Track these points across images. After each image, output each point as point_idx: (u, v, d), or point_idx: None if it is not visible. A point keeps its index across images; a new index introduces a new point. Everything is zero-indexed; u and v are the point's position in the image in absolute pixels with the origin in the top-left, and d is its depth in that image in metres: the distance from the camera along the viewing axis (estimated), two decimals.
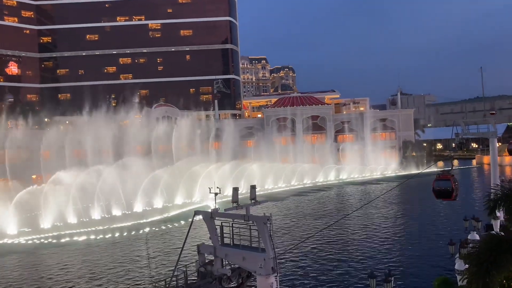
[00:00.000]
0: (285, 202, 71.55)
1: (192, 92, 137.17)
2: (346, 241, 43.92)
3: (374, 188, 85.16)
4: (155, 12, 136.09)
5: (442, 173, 25.89)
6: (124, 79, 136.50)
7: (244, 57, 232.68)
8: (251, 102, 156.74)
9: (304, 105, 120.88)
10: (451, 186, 24.81)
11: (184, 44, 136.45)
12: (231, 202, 21.34)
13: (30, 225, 55.94)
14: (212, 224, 21.66)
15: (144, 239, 48.13)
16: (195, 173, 76.86)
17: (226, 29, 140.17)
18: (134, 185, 68.80)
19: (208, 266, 22.08)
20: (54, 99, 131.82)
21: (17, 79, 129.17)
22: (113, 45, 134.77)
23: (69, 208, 60.51)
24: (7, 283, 35.35)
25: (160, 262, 39.21)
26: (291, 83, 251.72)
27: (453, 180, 25.09)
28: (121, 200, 66.75)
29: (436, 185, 25.41)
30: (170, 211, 64.72)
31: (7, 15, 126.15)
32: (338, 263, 36.67)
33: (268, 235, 18.89)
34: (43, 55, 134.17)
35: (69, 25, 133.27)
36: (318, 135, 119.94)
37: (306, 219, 56.71)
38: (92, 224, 56.39)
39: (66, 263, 40.54)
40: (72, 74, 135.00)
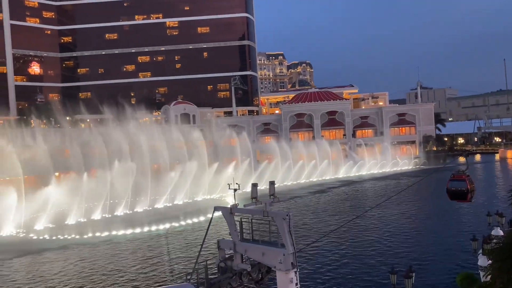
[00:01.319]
0: (304, 198, 71.44)
1: (210, 89, 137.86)
2: (366, 237, 43.64)
3: (394, 183, 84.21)
4: (172, 10, 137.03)
5: (457, 172, 24.61)
6: (143, 77, 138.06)
7: (261, 53, 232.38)
8: (269, 98, 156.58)
9: (322, 101, 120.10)
10: (466, 187, 23.49)
11: (201, 41, 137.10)
12: (250, 198, 21.50)
13: (55, 222, 57.32)
14: (232, 220, 21.86)
15: (165, 235, 48.80)
16: (217, 170, 77.48)
17: (243, 25, 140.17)
18: (159, 182, 69.96)
19: (228, 261, 22.30)
20: (75, 98, 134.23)
21: (39, 79, 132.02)
22: (131, 43, 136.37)
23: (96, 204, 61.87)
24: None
25: (181, 257, 39.70)
26: (308, 79, 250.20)
27: (469, 181, 23.73)
28: (147, 196, 67.99)
29: (451, 185, 24.10)
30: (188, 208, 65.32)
31: (29, 16, 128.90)
32: (358, 259, 36.49)
33: (287, 230, 18.95)
34: (63, 54, 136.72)
35: (89, 25, 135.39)
36: (337, 130, 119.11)
37: (326, 214, 56.54)
38: (116, 220, 57.44)
39: (88, 259, 41.43)
40: (92, 73, 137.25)
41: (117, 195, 65.25)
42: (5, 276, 37.00)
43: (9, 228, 54.23)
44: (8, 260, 41.68)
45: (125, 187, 65.74)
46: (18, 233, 53.62)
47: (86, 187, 62.45)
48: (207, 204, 63.76)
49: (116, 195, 65.22)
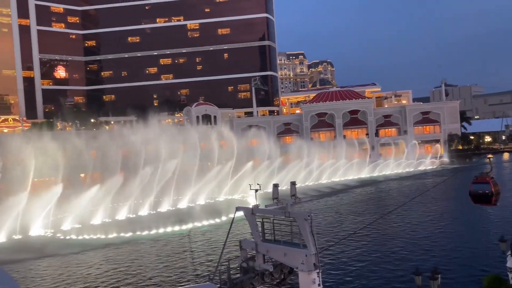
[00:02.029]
0: (326, 198, 70.90)
1: (231, 90, 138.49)
2: (390, 238, 43.00)
3: (418, 183, 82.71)
4: (193, 12, 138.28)
5: (480, 174, 23.53)
6: (165, 79, 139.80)
7: (282, 53, 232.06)
8: (289, 98, 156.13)
9: (343, 100, 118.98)
10: (490, 190, 22.50)
11: (222, 42, 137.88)
12: (271, 198, 21.53)
13: (81, 222, 58.65)
14: (253, 220, 21.95)
15: (187, 235, 49.25)
16: (240, 170, 77.76)
17: (263, 26, 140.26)
18: (183, 183, 70.80)
19: (251, 262, 22.40)
20: (99, 100, 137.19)
21: (65, 82, 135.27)
22: (153, 46, 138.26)
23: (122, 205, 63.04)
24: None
25: (203, 257, 39.99)
26: (329, 78, 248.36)
27: (493, 183, 22.80)
28: (170, 196, 68.85)
29: (474, 188, 23.05)
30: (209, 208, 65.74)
31: (54, 22, 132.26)
32: (382, 260, 36.00)
33: (309, 231, 18.91)
34: (88, 58, 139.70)
35: (112, 29, 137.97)
36: (359, 129, 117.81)
37: (348, 215, 55.98)
38: (140, 220, 58.33)
39: (113, 259, 42.20)
40: (115, 76, 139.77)
41: (143, 196, 66.30)
42: (35, 276, 38.06)
43: (38, 228, 55.77)
44: (35, 260, 42.86)
45: (151, 187, 66.82)
46: (46, 233, 55.06)
47: (113, 188, 63.69)
48: (229, 204, 64.08)
49: (143, 196, 66.28)
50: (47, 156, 67.05)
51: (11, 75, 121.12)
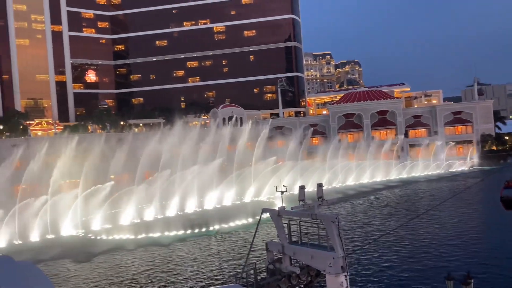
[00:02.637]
0: (354, 200, 69.87)
1: (257, 92, 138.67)
2: (420, 241, 41.90)
3: (450, 185, 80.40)
4: (219, 15, 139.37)
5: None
6: (192, 82, 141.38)
7: (308, 54, 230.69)
8: (316, 99, 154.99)
9: (371, 100, 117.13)
10: None
11: (248, 44, 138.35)
12: (298, 200, 21.29)
13: (112, 222, 59.94)
14: (280, 222, 21.74)
15: (214, 236, 49.50)
16: (266, 173, 77.72)
17: (289, 27, 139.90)
18: (208, 184, 71.37)
19: (277, 263, 22.21)
20: (128, 103, 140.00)
21: (95, 86, 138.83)
22: (181, 49, 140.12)
23: (148, 206, 64.08)
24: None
25: (230, 258, 40.06)
26: (357, 78, 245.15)
27: None
28: (195, 198, 69.45)
29: (505, 193, 22.08)
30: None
31: (85, 27, 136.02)
32: (412, 264, 35.10)
33: (336, 233, 18.56)
34: (117, 62, 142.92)
35: (140, 33, 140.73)
36: (388, 130, 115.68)
37: (377, 217, 54.94)
38: (166, 222, 59.08)
39: (141, 259, 42.82)
40: (143, 79, 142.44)
41: (170, 197, 67.19)
42: (67, 275, 39.06)
43: (69, 228, 57.30)
44: (67, 259, 44.00)
45: (177, 189, 67.63)
46: (78, 233, 56.50)
47: (141, 190, 64.87)
48: (255, 206, 64.06)
49: (170, 197, 67.17)
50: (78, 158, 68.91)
51: (44, 80, 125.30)
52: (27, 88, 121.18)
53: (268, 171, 77.65)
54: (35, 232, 55.08)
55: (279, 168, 79.98)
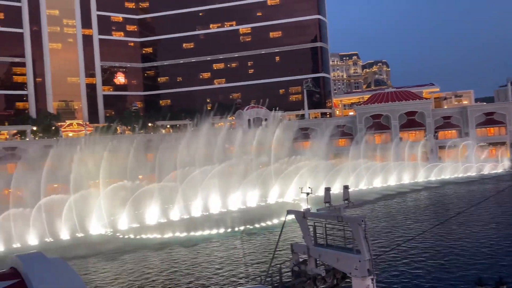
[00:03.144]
0: (381, 203, 68.71)
1: (282, 93, 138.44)
2: (449, 245, 40.80)
3: (481, 188, 77.98)
4: (245, 16, 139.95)
5: None
6: (218, 84, 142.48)
7: (334, 54, 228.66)
8: (342, 99, 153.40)
9: (400, 101, 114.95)
10: None
11: (273, 45, 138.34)
12: (323, 202, 21.10)
13: (138, 221, 61.05)
14: (305, 224, 21.60)
15: (239, 237, 49.66)
16: (289, 173, 77.51)
17: (315, 27, 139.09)
18: (230, 184, 71.71)
19: (302, 266, 22.07)
20: (155, 105, 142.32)
21: (124, 88, 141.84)
22: (207, 51, 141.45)
23: (173, 205, 65.00)
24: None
25: (255, 259, 40.10)
26: (385, 78, 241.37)
27: None
28: (218, 198, 69.88)
29: None
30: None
31: (114, 31, 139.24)
32: (441, 268, 34.21)
33: (363, 236, 18.31)
34: (145, 65, 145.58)
35: (167, 36, 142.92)
36: (416, 131, 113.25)
37: (405, 220, 53.85)
38: (191, 222, 59.71)
39: (168, 259, 43.39)
40: (171, 81, 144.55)
41: (195, 197, 67.89)
42: (96, 272, 40.00)
43: (98, 227, 58.68)
44: (95, 257, 45.07)
45: (202, 189, 68.28)
46: (106, 232, 57.78)
47: (166, 190, 65.84)
48: (280, 207, 63.92)
49: (195, 197, 67.88)
50: (109, 159, 70.56)
51: (75, 82, 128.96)
52: (59, 91, 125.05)
53: (292, 172, 77.35)
54: (65, 231, 56.67)
55: (305, 170, 79.53)
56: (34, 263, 11.66)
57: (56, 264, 11.97)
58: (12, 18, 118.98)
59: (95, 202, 60.44)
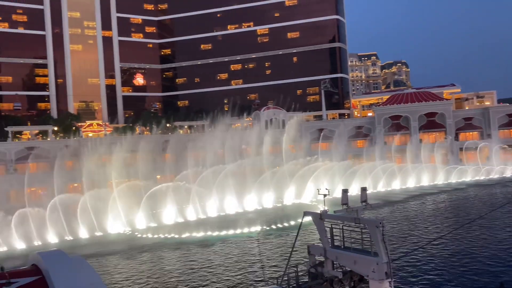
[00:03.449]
0: (399, 205, 67.77)
1: (300, 94, 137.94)
2: (470, 249, 39.95)
3: (504, 191, 76.18)
4: (263, 17, 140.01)
5: None
6: (235, 85, 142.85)
7: (353, 54, 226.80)
8: (361, 100, 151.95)
9: (419, 101, 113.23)
10: None
11: (291, 46, 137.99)
12: (341, 204, 20.95)
13: (157, 221, 61.68)
14: (322, 226, 21.46)
15: (255, 237, 49.65)
16: (305, 174, 77.17)
17: (333, 28, 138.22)
18: (245, 185, 71.77)
19: (319, 267, 21.93)
20: (173, 105, 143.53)
21: (143, 89, 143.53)
22: (224, 52, 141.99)
23: (189, 205, 65.42)
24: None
25: (271, 260, 40.02)
26: (404, 79, 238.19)
27: None
28: (233, 199, 70.05)
29: None
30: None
31: (133, 32, 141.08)
32: (461, 273, 33.53)
33: (381, 238, 18.11)
34: (164, 66, 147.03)
35: (186, 37, 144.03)
36: (436, 133, 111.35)
37: (424, 223, 52.97)
38: (208, 222, 59.98)
39: (184, 258, 43.66)
40: (189, 82, 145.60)
41: (212, 197, 68.19)
42: (114, 270, 40.54)
43: (117, 226, 59.49)
44: (113, 256, 45.68)
45: (219, 189, 68.57)
46: (124, 231, 58.52)
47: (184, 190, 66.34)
48: (296, 208, 63.68)
49: (212, 197, 68.18)
50: (128, 159, 71.50)
51: (95, 83, 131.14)
52: (79, 91, 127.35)
53: (309, 173, 76.99)
54: (84, 230, 57.64)
55: (323, 171, 79.10)
56: (55, 260, 11.91)
57: (76, 261, 12.21)
58: (35, 21, 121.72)
59: (113, 202, 61.28)
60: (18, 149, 75.16)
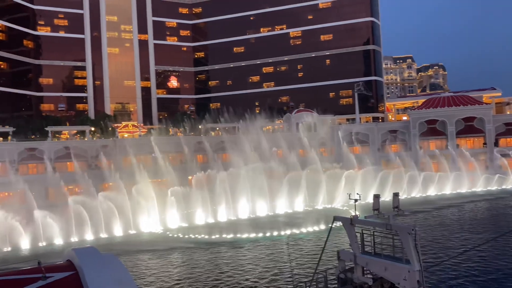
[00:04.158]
0: (435, 212, 65.80)
1: (332, 96, 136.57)
2: (508, 260, 38.25)
3: None
4: (296, 20, 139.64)
5: None
6: (267, 87, 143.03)
7: (388, 57, 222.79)
8: (395, 104, 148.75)
9: (457, 106, 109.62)
10: None
11: (324, 48, 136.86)
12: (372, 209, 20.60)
13: (188, 221, 62.55)
14: (352, 231, 21.16)
15: (285, 241, 49.45)
16: (336, 178, 76.29)
17: (367, 30, 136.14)
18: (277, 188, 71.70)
19: (348, 273, 21.63)
20: (206, 108, 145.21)
21: (177, 92, 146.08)
22: (257, 55, 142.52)
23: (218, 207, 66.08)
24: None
25: (300, 264, 39.73)
26: (441, 82, 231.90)
27: None
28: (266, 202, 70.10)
29: None
30: None
31: (168, 36, 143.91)
32: (499, 284, 32.16)
33: (413, 246, 17.69)
34: (197, 69, 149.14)
35: (219, 40, 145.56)
36: (475, 138, 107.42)
37: (460, 232, 51.19)
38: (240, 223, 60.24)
39: (213, 260, 43.98)
40: (221, 85, 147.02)
41: (241, 200, 68.47)
42: (145, 269, 41.37)
43: (150, 225, 60.70)
44: (145, 254, 46.60)
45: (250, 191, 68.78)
46: (157, 230, 59.66)
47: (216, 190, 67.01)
48: (327, 213, 62.99)
49: (241, 200, 68.46)
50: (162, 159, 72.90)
51: (131, 85, 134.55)
52: (115, 93, 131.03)
53: (342, 178, 76.02)
54: (119, 228, 59.16)
55: (355, 176, 77.95)
56: (88, 257, 12.33)
57: (108, 259, 12.60)
58: (75, 25, 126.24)
59: (149, 201, 62.59)
60: (57, 148, 78.06)
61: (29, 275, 11.38)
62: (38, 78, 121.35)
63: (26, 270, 12.03)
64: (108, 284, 11.14)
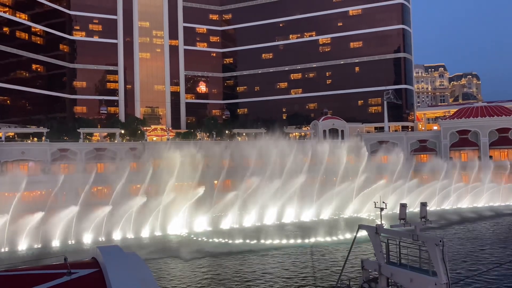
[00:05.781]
0: (464, 224, 63.70)
1: (360, 104, 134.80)
2: None
3: None
4: (325, 27, 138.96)
5: None
6: (294, 94, 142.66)
7: (419, 65, 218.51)
8: (426, 113, 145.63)
9: (490, 116, 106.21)
10: None
11: (353, 56, 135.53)
12: (398, 219, 20.16)
13: (214, 225, 62.88)
14: (377, 240, 20.73)
15: (309, 248, 48.94)
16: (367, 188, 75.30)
17: (398, 37, 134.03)
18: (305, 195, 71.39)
19: (372, 283, 21.18)
20: (233, 113, 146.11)
21: (205, 97, 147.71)
22: (285, 62, 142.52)
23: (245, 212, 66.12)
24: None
25: (324, 272, 39.17)
26: (474, 92, 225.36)
27: None
28: (294, 209, 69.79)
29: None
30: None
31: (198, 41, 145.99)
32: None
33: (440, 257, 17.14)
34: (225, 74, 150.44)
35: (248, 46, 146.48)
36: (509, 150, 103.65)
37: (491, 246, 49.33)
38: (265, 229, 60.07)
39: (235, 266, 43.92)
40: (249, 91, 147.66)
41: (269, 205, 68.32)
42: (169, 270, 41.73)
43: (176, 227, 61.37)
44: (169, 256, 47.05)
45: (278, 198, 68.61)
46: (182, 233, 60.22)
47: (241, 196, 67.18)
48: (353, 222, 62.01)
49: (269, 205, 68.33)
50: (189, 163, 73.67)
51: (161, 90, 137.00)
52: (145, 97, 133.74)
53: (372, 188, 74.80)
54: (146, 230, 60.08)
55: (384, 186, 76.55)
56: (112, 255, 12.58)
57: (131, 258, 12.82)
58: (109, 30, 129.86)
59: (176, 204, 63.28)
60: (88, 150, 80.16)
61: (55, 271, 11.70)
62: (72, 81, 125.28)
63: (53, 266, 12.38)
64: (130, 282, 11.31)
